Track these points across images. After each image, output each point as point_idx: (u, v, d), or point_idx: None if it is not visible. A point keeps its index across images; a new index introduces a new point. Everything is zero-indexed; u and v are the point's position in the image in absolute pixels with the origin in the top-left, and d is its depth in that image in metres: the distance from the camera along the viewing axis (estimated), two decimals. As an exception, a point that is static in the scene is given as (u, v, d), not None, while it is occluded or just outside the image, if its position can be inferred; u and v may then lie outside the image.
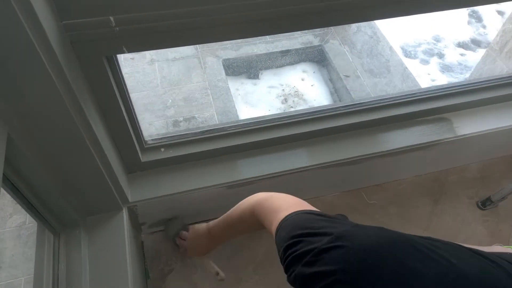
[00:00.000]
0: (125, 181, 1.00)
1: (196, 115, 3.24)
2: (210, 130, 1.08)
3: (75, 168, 0.77)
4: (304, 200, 0.71)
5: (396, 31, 4.30)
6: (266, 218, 0.75)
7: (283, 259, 0.59)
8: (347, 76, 3.57)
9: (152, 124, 3.17)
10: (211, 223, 1.00)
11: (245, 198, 1.14)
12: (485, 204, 1.28)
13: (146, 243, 1.14)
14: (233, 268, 1.13)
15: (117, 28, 0.65)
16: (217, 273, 1.02)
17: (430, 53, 4.32)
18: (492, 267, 0.53)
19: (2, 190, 0.72)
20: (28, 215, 2.38)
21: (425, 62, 4.28)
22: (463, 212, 1.27)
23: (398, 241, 0.54)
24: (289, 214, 0.67)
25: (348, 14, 0.77)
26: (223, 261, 1.12)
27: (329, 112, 1.15)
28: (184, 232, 1.07)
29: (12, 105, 0.60)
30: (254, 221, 0.82)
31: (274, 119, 1.12)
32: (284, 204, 0.72)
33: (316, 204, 1.24)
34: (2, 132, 0.57)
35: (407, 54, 4.34)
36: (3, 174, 0.69)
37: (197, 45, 3.76)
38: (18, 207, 2.40)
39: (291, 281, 0.57)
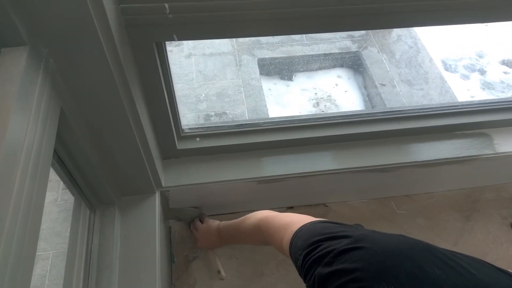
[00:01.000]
0: (160, 166, 1.03)
1: (227, 111, 3.28)
2: (245, 124, 1.09)
3: (117, 146, 0.81)
4: (330, 204, 0.71)
5: (438, 43, 4.19)
6: (275, 235, 0.74)
7: (302, 266, 0.59)
8: (383, 85, 3.51)
9: (185, 116, 3.23)
10: (222, 224, 1.03)
11: (273, 194, 1.15)
12: (520, 226, 1.24)
13: (173, 228, 1.17)
14: (255, 263, 1.14)
15: (171, 16, 0.67)
16: (219, 272, 1.03)
17: (471, 68, 4.18)
18: None
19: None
20: (60, 193, 2.49)
21: (465, 77, 4.15)
22: (495, 232, 1.23)
23: (418, 247, 0.54)
24: (303, 225, 0.67)
25: (385, 19, 0.76)
26: (246, 254, 1.14)
27: (364, 117, 1.14)
28: (198, 223, 1.09)
29: (67, 81, 0.63)
30: (260, 238, 0.82)
31: (309, 119, 1.12)
32: (293, 220, 0.72)
33: (342, 209, 1.25)
34: (56, 106, 0.61)
35: (448, 68, 4.22)
36: (58, 156, 0.73)
37: (234, 43, 3.80)
38: (51, 184, 2.51)
39: (310, 285, 0.57)
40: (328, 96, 3.61)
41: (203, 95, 3.36)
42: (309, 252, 0.59)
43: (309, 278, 0.56)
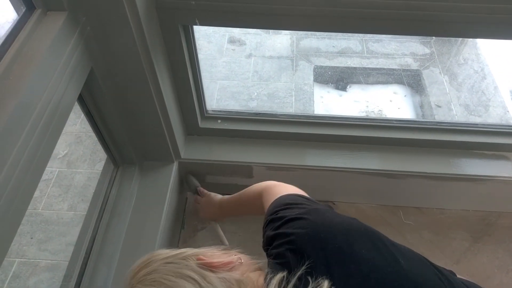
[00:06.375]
0: (182, 140, 1.16)
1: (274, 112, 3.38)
2: (263, 113, 1.18)
3: (139, 112, 0.94)
4: (338, 203, 0.77)
5: (509, 72, 3.95)
6: (268, 203, 0.81)
7: (263, 228, 0.69)
8: (439, 106, 3.40)
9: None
10: (224, 198, 1.07)
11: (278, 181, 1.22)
12: (534, 258, 1.19)
13: (189, 200, 1.29)
14: (255, 243, 1.22)
15: (193, 2, 0.79)
16: (221, 242, 1.12)
17: (543, 101, 3.88)
18: (440, 281, 0.56)
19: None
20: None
21: (535, 110, 3.86)
22: (503, 258, 1.19)
23: (358, 228, 0.61)
24: (280, 196, 0.75)
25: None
26: (249, 235, 1.22)
27: (378, 123, 1.18)
28: (198, 197, 1.14)
29: (100, 46, 0.77)
30: (260, 205, 0.87)
31: (323, 117, 1.19)
32: (282, 190, 0.79)
33: (349, 209, 1.29)
34: (86, 65, 0.75)
35: (516, 99, 3.95)
36: (87, 108, 0.88)
37: (294, 48, 3.89)
38: (106, 155, 2.78)
39: (262, 244, 0.67)
40: (379, 110, 3.56)
41: (255, 93, 3.49)
42: (269, 216, 0.67)
43: (263, 239, 0.66)
